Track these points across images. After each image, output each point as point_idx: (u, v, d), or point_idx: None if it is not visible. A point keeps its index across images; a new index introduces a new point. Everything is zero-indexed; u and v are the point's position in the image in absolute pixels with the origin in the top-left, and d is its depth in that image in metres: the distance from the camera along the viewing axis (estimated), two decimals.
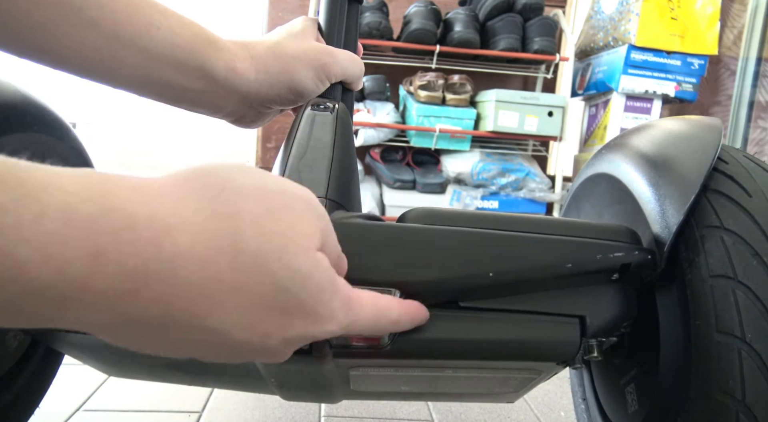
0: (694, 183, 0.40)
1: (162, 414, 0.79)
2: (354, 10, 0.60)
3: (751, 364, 0.34)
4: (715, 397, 0.35)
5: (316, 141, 0.44)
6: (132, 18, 0.41)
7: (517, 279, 0.37)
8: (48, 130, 0.57)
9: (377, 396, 0.53)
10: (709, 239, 0.38)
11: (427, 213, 0.41)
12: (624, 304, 0.42)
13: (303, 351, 0.36)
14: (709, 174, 0.40)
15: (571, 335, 0.40)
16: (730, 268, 0.36)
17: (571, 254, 0.39)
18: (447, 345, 0.38)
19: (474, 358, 0.39)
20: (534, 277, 0.39)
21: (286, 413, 0.81)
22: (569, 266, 0.38)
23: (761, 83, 2.28)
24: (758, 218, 0.37)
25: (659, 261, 0.40)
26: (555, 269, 0.38)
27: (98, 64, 0.42)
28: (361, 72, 0.55)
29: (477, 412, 0.83)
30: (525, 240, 0.39)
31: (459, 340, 0.39)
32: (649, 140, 0.47)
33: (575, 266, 0.39)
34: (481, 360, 0.40)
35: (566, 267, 0.38)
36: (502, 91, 2.03)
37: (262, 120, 0.54)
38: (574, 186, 0.58)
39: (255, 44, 0.49)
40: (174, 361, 0.48)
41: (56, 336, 0.46)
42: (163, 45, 0.43)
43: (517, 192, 2.10)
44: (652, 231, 0.41)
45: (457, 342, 0.39)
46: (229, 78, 0.47)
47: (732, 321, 0.35)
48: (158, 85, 0.45)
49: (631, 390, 0.47)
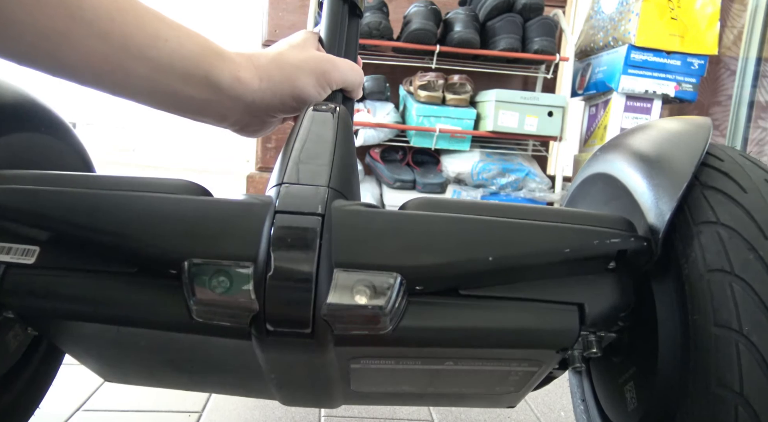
0: (685, 172, 0.41)
1: (162, 414, 0.79)
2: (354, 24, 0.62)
3: (748, 357, 0.34)
4: (713, 391, 0.35)
5: (317, 136, 0.45)
6: (141, 30, 0.42)
7: (516, 265, 0.38)
8: (48, 130, 0.58)
9: (377, 397, 0.53)
10: (706, 234, 0.38)
11: (427, 201, 0.42)
12: (621, 293, 0.42)
13: (305, 334, 0.37)
14: (700, 165, 0.41)
15: (570, 322, 0.41)
16: (727, 262, 0.36)
17: (568, 239, 0.40)
18: (448, 332, 0.38)
19: (474, 346, 0.39)
20: (533, 263, 0.39)
21: (286, 413, 0.81)
22: (567, 252, 0.39)
23: (761, 83, 2.28)
24: (753, 213, 0.37)
25: (655, 249, 0.41)
26: (553, 254, 0.39)
27: (107, 75, 0.43)
28: (361, 80, 0.57)
29: (477, 412, 0.83)
30: (524, 226, 0.40)
31: (460, 328, 0.39)
32: (642, 139, 0.49)
33: (573, 252, 0.39)
34: (482, 348, 0.41)
35: (564, 253, 0.39)
36: (502, 91, 2.03)
37: (266, 129, 0.56)
38: (571, 189, 0.59)
39: (258, 55, 0.51)
40: (174, 361, 0.48)
41: (60, 330, 0.47)
42: (171, 56, 0.44)
43: (517, 192, 2.10)
44: (647, 221, 0.42)
45: (457, 330, 0.39)
46: (234, 87, 0.48)
47: (729, 315, 0.35)
48: (165, 95, 0.46)
49: (630, 389, 0.47)
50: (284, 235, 0.36)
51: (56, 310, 0.41)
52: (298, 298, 0.36)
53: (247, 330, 0.37)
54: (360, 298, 0.36)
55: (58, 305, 0.40)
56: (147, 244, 0.38)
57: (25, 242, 0.41)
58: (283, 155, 0.44)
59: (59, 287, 0.40)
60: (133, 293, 0.39)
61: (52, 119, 0.59)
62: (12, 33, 0.37)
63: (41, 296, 0.40)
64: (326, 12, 0.60)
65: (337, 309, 0.36)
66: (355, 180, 0.46)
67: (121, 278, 0.40)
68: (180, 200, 0.39)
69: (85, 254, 0.40)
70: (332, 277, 0.36)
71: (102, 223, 0.38)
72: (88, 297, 0.40)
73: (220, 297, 0.36)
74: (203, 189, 0.43)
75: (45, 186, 0.41)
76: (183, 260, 0.37)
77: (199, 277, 0.36)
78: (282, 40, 0.54)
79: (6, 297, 0.40)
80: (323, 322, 0.36)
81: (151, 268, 0.39)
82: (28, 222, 0.40)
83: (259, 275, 0.36)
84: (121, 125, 2.92)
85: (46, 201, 0.40)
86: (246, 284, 0.36)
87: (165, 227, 0.38)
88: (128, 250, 0.38)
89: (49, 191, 0.41)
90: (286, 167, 0.41)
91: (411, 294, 0.38)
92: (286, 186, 0.39)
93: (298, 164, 0.42)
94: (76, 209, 0.39)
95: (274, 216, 0.37)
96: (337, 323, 0.37)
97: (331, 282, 0.36)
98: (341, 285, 0.36)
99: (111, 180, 0.42)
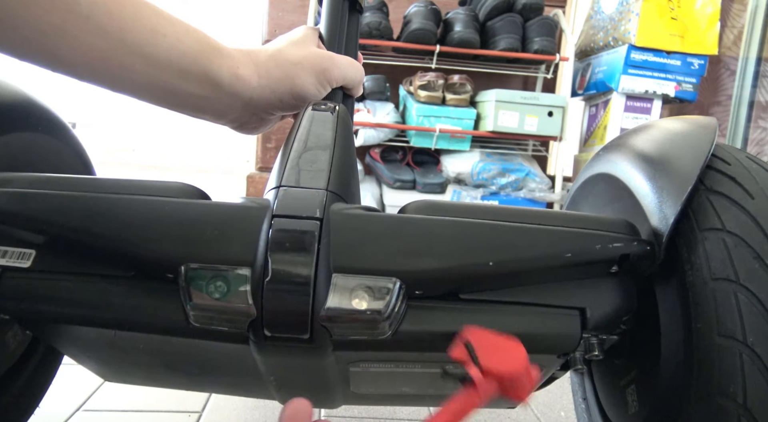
0: (690, 175, 0.40)
1: (162, 414, 0.79)
2: (354, 19, 0.61)
3: (752, 368, 0.33)
4: (716, 401, 0.34)
5: (316, 137, 0.45)
6: (138, 25, 0.42)
7: (517, 269, 0.37)
8: (47, 130, 0.57)
9: (377, 398, 0.52)
10: (711, 241, 0.37)
11: (427, 205, 0.41)
12: (624, 297, 0.42)
13: (303, 339, 0.36)
14: (705, 168, 0.40)
15: (572, 327, 0.40)
16: (732, 271, 0.35)
17: (570, 244, 0.39)
18: (448, 337, 0.38)
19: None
20: (534, 267, 0.39)
21: None
22: (568, 256, 0.38)
23: (761, 83, 2.28)
24: (760, 220, 0.36)
25: (658, 253, 0.40)
26: (554, 259, 0.39)
27: (104, 71, 0.42)
28: (361, 77, 0.56)
29: (477, 412, 0.83)
30: (524, 230, 0.39)
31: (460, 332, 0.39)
32: (645, 139, 0.48)
33: (574, 256, 0.39)
34: None
35: (565, 257, 0.38)
36: (502, 91, 2.03)
37: (264, 126, 0.56)
38: (573, 189, 0.58)
39: (257, 52, 0.50)
40: (172, 364, 0.48)
41: (57, 333, 0.46)
42: (169, 52, 0.44)
43: (517, 192, 2.10)
44: (650, 224, 0.41)
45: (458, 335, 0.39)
46: (232, 84, 0.48)
47: (734, 324, 0.34)
48: (163, 91, 0.46)
49: (632, 392, 0.47)
50: (282, 239, 0.36)
51: (52, 314, 0.40)
52: (296, 303, 0.35)
53: (245, 334, 0.37)
54: (359, 303, 0.36)
55: (54, 309, 0.40)
56: (143, 248, 0.37)
57: (21, 245, 0.41)
58: (281, 156, 0.43)
59: (55, 291, 0.40)
60: (129, 297, 0.39)
61: (51, 118, 0.59)
62: (8, 27, 0.37)
63: (37, 299, 0.40)
64: (326, 8, 0.59)
65: (336, 314, 0.35)
66: (354, 181, 0.46)
67: (118, 282, 0.39)
68: (177, 203, 0.39)
69: (81, 257, 0.40)
70: (331, 282, 0.35)
71: (98, 227, 0.38)
72: (85, 301, 0.39)
73: (218, 302, 0.36)
74: (201, 192, 0.42)
75: (41, 189, 0.41)
76: (180, 265, 0.36)
77: (196, 282, 0.36)
78: (282, 37, 0.53)
79: (2, 301, 0.40)
80: (321, 327, 0.36)
81: (147, 272, 0.39)
82: (24, 226, 0.40)
83: (256, 280, 0.35)
84: (120, 124, 2.92)
85: (42, 204, 0.40)
86: (243, 289, 0.36)
87: (161, 231, 0.37)
88: (125, 254, 0.38)
89: (45, 194, 0.40)
90: (284, 169, 0.41)
91: (410, 299, 0.38)
92: (284, 189, 0.39)
93: (296, 166, 0.41)
94: (72, 212, 0.39)
95: (271, 220, 0.37)
96: (336, 328, 0.36)
97: (330, 287, 0.35)
98: (340, 290, 0.35)
99: (108, 183, 0.42)
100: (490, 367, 0.33)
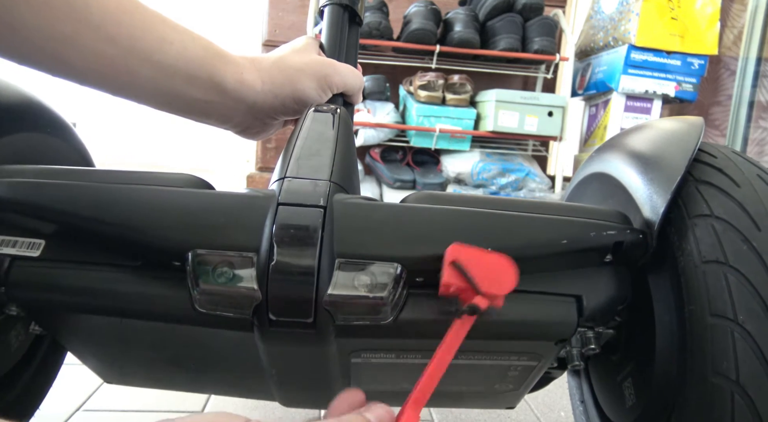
0: (678, 167, 0.42)
1: (162, 414, 0.79)
2: (354, 31, 0.64)
3: (744, 345, 0.35)
4: (710, 379, 0.36)
5: (319, 134, 0.46)
6: (146, 34, 0.43)
7: (515, 257, 0.38)
8: (50, 130, 0.58)
9: (378, 397, 0.53)
10: (700, 226, 0.39)
11: (427, 195, 0.43)
12: (618, 285, 0.43)
13: (306, 324, 0.37)
14: (693, 161, 0.42)
15: (569, 313, 0.42)
16: (722, 253, 0.37)
17: (565, 231, 0.41)
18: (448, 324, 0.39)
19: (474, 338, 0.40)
20: (531, 254, 0.40)
21: (286, 413, 0.81)
22: (564, 243, 0.40)
23: (761, 83, 2.28)
24: (746, 206, 0.38)
25: (650, 241, 0.41)
26: (551, 246, 0.40)
27: (113, 78, 0.44)
28: (361, 85, 0.58)
29: (477, 412, 0.83)
30: (522, 219, 0.41)
31: None
32: (636, 139, 0.50)
33: (570, 243, 0.40)
34: (482, 339, 0.41)
35: (561, 244, 0.40)
36: (502, 91, 2.03)
37: (267, 131, 0.58)
38: (568, 190, 0.60)
39: (261, 59, 0.52)
40: (175, 358, 0.48)
41: (62, 326, 0.47)
42: (176, 59, 0.45)
43: (517, 192, 2.10)
44: (642, 215, 0.43)
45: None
46: (237, 89, 0.49)
47: (725, 304, 0.36)
48: (169, 96, 0.47)
49: (629, 385, 0.48)
50: (287, 226, 0.37)
51: (61, 302, 0.41)
52: (300, 287, 0.37)
53: (250, 320, 0.38)
54: (361, 288, 0.37)
55: (63, 298, 0.41)
56: (152, 236, 0.38)
57: (30, 235, 0.42)
58: (284, 153, 0.45)
59: (64, 280, 0.41)
60: (137, 285, 0.40)
61: (54, 118, 0.59)
62: (20, 36, 0.38)
63: (46, 288, 0.41)
64: (327, 19, 0.62)
65: (339, 299, 0.37)
66: (355, 177, 0.47)
67: (126, 270, 0.40)
68: (184, 192, 0.40)
69: (89, 247, 0.41)
70: (334, 267, 0.37)
71: (107, 215, 0.39)
72: (93, 290, 0.40)
73: (224, 287, 0.37)
74: (206, 183, 0.43)
75: (51, 179, 0.42)
76: (187, 252, 0.37)
77: (203, 268, 0.37)
78: (284, 45, 0.55)
79: (12, 290, 0.41)
80: (325, 312, 0.37)
81: (155, 260, 0.40)
82: (34, 215, 0.41)
83: (261, 266, 0.36)
84: (120, 124, 2.92)
85: (51, 194, 0.40)
86: (249, 274, 0.37)
87: (169, 219, 0.38)
88: (134, 241, 0.39)
89: (54, 184, 0.41)
90: (288, 163, 0.42)
91: (412, 286, 0.39)
92: (289, 180, 0.40)
93: (300, 159, 0.42)
94: (81, 201, 0.40)
95: (276, 208, 0.38)
96: (339, 312, 0.37)
97: (333, 272, 0.37)
98: (343, 275, 0.37)
99: (115, 174, 0.43)
100: (491, 291, 0.35)
